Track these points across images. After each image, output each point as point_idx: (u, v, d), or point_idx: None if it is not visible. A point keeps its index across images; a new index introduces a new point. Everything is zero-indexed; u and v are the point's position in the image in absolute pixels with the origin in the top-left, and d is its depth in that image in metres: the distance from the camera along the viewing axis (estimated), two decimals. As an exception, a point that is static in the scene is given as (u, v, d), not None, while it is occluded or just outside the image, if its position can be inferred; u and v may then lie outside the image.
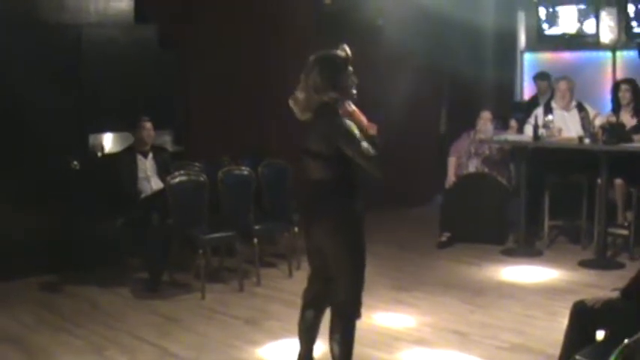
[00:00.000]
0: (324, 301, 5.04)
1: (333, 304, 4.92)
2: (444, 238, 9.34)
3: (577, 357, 4.17)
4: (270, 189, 8.48)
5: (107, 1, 9.08)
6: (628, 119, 8.87)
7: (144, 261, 8.07)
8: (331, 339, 4.91)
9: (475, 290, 7.58)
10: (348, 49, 4.83)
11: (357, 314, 4.89)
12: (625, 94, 9.01)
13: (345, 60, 4.81)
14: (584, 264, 8.42)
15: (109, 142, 8.93)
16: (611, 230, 8.85)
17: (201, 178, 7.93)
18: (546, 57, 11.75)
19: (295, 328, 5.21)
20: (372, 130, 4.77)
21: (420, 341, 6.21)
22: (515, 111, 10.51)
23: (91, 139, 8.82)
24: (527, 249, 9.01)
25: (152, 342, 6.30)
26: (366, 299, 5.13)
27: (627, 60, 10.84)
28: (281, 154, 8.86)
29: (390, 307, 7.03)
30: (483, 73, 11.47)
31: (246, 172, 8.22)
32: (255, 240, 7.91)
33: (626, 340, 2.83)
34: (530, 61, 11.99)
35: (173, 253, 7.92)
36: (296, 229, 8.19)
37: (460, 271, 8.32)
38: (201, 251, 7.51)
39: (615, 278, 7.21)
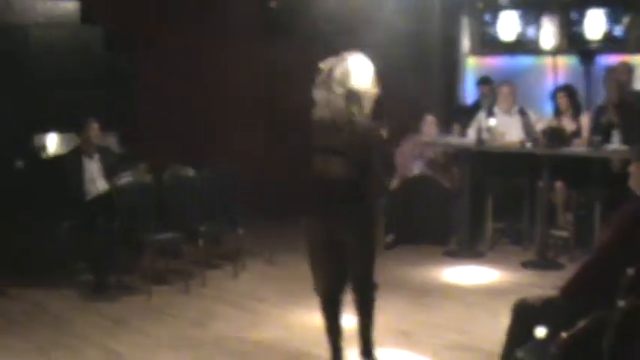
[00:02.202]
0: (342, 292, 5.43)
1: (356, 287, 5.37)
2: (388, 240, 9.33)
3: (518, 353, 4.31)
4: (216, 190, 8.49)
5: (54, 1, 9.05)
6: (568, 124, 9.01)
7: (90, 263, 8.05)
8: (360, 317, 5.45)
9: (419, 291, 7.68)
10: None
11: (376, 288, 5.46)
12: (562, 101, 9.17)
13: None
14: (526, 265, 8.56)
15: (54, 142, 8.89)
16: (552, 232, 8.96)
17: (148, 180, 7.96)
18: (489, 62, 11.85)
19: (242, 328, 5.26)
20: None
21: (365, 341, 6.27)
22: (459, 115, 10.59)
23: (36, 139, 8.77)
24: (470, 250, 9.11)
25: (99, 343, 6.33)
26: (310, 300, 5.26)
27: (568, 65, 10.99)
28: (228, 156, 8.89)
29: (336, 307, 7.09)
30: (427, 78, 11.56)
31: (191, 174, 8.26)
32: (201, 241, 7.95)
33: (563, 334, 2.97)
34: (473, 66, 12.06)
35: (119, 255, 7.93)
36: (240, 230, 8.28)
37: (404, 272, 8.37)
38: (147, 253, 7.53)
39: (556, 278, 7.14)
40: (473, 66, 12.06)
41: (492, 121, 9.08)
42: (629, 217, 4.21)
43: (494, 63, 11.75)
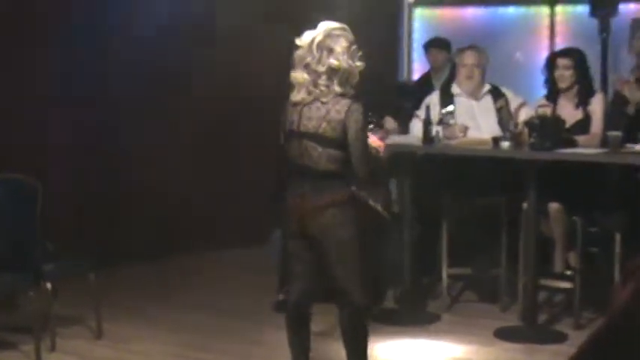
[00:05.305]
0: (310, 300, 6.96)
1: (341, 303, 6.77)
2: (282, 297, 9.15)
3: None
4: (7, 220, 8.29)
5: None
6: (569, 111, 9.00)
7: None
8: (346, 342, 6.82)
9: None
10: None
11: (368, 303, 7.01)
12: (564, 74, 9.08)
13: None
14: (504, 335, 8.53)
15: None
16: (545, 282, 8.94)
17: None
18: (446, 15, 11.81)
19: None
20: (378, 146, 6.97)
21: None
22: (399, 98, 10.62)
23: None
24: (416, 312, 9.17)
25: None
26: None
27: (573, 19, 10.96)
28: (22, 166, 8.72)
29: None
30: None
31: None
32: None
33: None
34: (422, 22, 12.05)
35: None
36: (48, 285, 8.07)
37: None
38: None
39: (550, 357, 7.49)
40: (422, 21, 11.98)
41: (449, 109, 9.07)
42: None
43: (455, 16, 11.71)
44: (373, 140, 6.95)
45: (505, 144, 8.44)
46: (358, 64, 6.55)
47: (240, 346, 8.35)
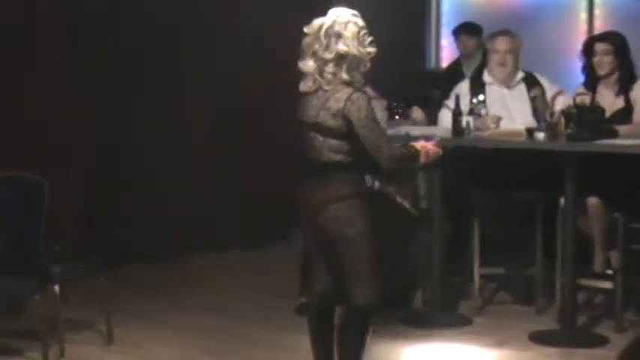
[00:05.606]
0: (333, 301, 6.88)
1: (349, 303, 6.68)
2: (303, 300, 8.96)
3: None
4: (11, 220, 8.18)
5: None
6: (610, 99, 8.86)
7: None
8: (338, 342, 6.81)
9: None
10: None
11: (370, 305, 6.61)
12: (603, 60, 8.92)
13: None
14: (540, 338, 8.42)
15: None
16: (584, 282, 8.76)
17: None
18: None
19: None
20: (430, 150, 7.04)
21: None
22: (427, 87, 10.58)
23: None
24: (446, 314, 9.08)
25: None
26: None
27: (612, 1, 11.14)
28: (29, 163, 8.68)
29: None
30: (376, 25, 11.44)
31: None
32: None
33: None
34: (452, 6, 12.23)
35: None
36: (56, 288, 7.95)
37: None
38: None
39: None
40: (451, 5, 12.29)
41: (481, 98, 8.97)
42: None
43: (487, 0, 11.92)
44: (423, 144, 6.97)
45: (540, 135, 8.33)
46: (369, 49, 6.52)
47: (259, 350, 8.28)
